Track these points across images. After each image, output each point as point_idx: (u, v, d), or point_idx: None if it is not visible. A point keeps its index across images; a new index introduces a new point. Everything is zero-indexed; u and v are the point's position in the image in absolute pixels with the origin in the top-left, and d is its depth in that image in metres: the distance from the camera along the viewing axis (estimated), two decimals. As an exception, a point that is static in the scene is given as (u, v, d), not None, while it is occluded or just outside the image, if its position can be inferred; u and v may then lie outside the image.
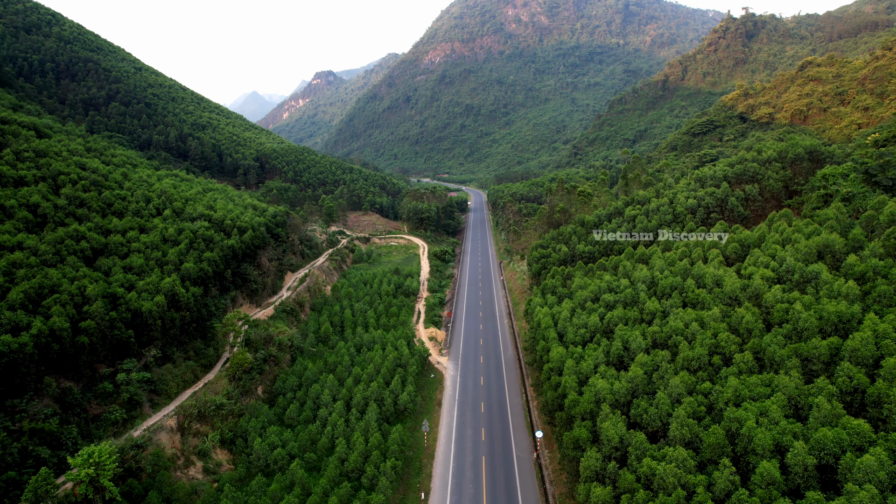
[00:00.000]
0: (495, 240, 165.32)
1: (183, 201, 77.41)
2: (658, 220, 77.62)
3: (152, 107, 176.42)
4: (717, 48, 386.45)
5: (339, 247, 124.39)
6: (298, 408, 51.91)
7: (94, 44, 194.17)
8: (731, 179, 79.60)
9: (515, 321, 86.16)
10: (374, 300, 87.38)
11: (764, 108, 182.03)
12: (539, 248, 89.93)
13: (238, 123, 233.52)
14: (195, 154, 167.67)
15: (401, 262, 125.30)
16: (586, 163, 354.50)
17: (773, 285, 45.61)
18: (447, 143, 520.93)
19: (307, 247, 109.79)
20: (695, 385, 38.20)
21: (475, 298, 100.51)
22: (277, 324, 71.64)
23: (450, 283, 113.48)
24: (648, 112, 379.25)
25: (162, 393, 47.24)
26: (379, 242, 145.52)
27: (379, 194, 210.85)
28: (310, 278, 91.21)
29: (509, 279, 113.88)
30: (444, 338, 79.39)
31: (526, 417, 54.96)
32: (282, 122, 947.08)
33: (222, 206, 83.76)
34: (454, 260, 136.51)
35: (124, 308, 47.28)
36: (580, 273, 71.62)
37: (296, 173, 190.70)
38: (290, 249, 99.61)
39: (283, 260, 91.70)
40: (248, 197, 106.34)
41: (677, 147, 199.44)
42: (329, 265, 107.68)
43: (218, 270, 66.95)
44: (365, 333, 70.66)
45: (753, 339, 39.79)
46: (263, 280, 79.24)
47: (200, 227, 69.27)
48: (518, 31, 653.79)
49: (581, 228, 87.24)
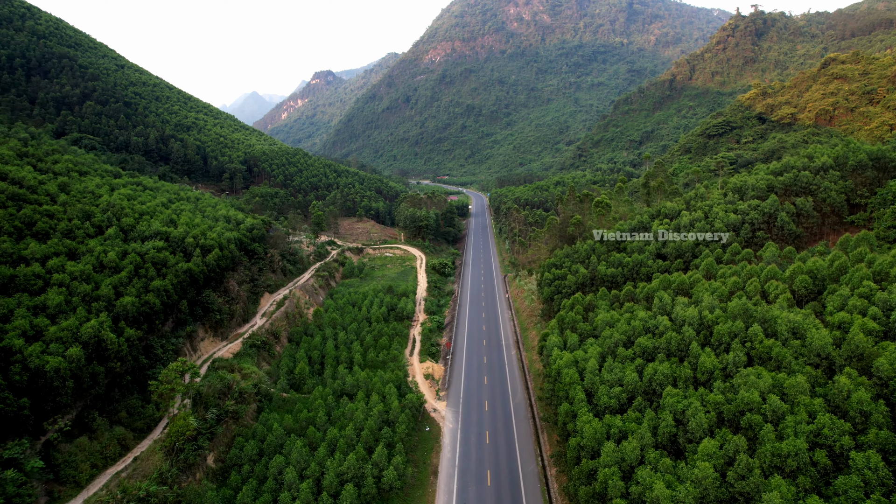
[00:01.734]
0: (498, 249, 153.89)
1: (136, 216, 66.01)
2: (693, 239, 66.14)
3: (132, 106, 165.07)
4: (725, 47, 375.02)
5: (328, 260, 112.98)
6: (255, 489, 40.45)
7: (72, 39, 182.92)
8: (777, 190, 68.14)
9: (525, 352, 74.73)
10: (362, 328, 75.89)
11: (785, 108, 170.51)
12: (552, 267, 78.45)
13: (228, 124, 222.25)
14: (177, 157, 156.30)
15: (396, 276, 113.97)
16: (591, 164, 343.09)
17: (880, 341, 34.21)
18: (447, 144, 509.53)
19: (290, 262, 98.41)
20: (798, 503, 26.68)
21: (478, 322, 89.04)
22: (244, 363, 60.24)
23: (449, 302, 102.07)
24: (655, 112, 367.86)
25: (68, 481, 35.82)
26: (373, 253, 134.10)
27: (375, 199, 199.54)
28: (289, 301, 79.77)
29: (515, 297, 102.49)
30: (443, 375, 67.98)
31: (543, 495, 43.52)
32: (280, 122, 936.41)
33: (187, 220, 72.34)
34: (454, 273, 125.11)
35: (19, 368, 35.89)
36: (604, 303, 60.16)
37: (286, 177, 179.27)
38: (270, 267, 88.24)
39: (259, 280, 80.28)
40: (223, 207, 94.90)
41: (691, 149, 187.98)
42: (314, 283, 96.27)
43: (170, 302, 55.55)
44: (348, 375, 59.21)
45: (873, 430, 28.32)
46: (232, 308, 67.81)
47: (151, 249, 57.85)
48: (520, 30, 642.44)
49: (601, 246, 75.73)
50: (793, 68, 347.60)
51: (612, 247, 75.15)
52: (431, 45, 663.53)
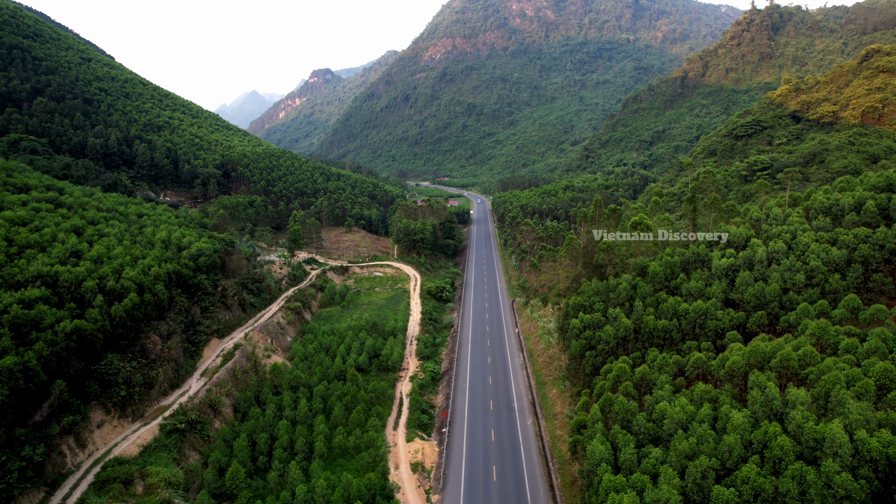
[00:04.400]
0: (504, 265, 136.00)
1: (16, 250, 48.32)
2: (779, 281, 48.27)
3: (94, 103, 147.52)
4: (740, 42, 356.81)
5: (303, 285, 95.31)
6: None
7: (30, 29, 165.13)
8: (893, 213, 50.24)
9: (543, 421, 57.12)
10: (333, 391, 58.12)
11: (825, 106, 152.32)
12: (578, 309, 60.61)
13: (208, 123, 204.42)
14: (142, 161, 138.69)
15: (385, 303, 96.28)
16: (599, 166, 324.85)
17: None
18: (448, 144, 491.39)
19: (254, 292, 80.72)
20: None
21: (482, 371, 71.24)
22: (155, 461, 42.61)
23: (447, 339, 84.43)
24: (666, 111, 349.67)
25: None
26: (359, 273, 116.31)
27: (367, 205, 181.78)
28: (241, 352, 62.02)
29: (528, 333, 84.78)
30: (436, 463, 50.32)
31: None
32: (277, 121, 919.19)
33: (101, 252, 54.66)
34: (454, 297, 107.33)
35: None
36: (664, 379, 42.29)
37: (268, 182, 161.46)
38: (222, 303, 70.52)
39: (202, 326, 62.53)
40: (166, 228, 77.15)
41: (717, 152, 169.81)
42: (283, 318, 78.59)
43: (39, 382, 37.93)
44: (300, 483, 41.52)
45: None
46: (150, 374, 50.03)
47: (15, 305, 40.14)
48: (523, 27, 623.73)
49: (644, 284, 57.83)
50: (812, 64, 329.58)
51: (660, 284, 57.30)
52: (431, 42, 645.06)
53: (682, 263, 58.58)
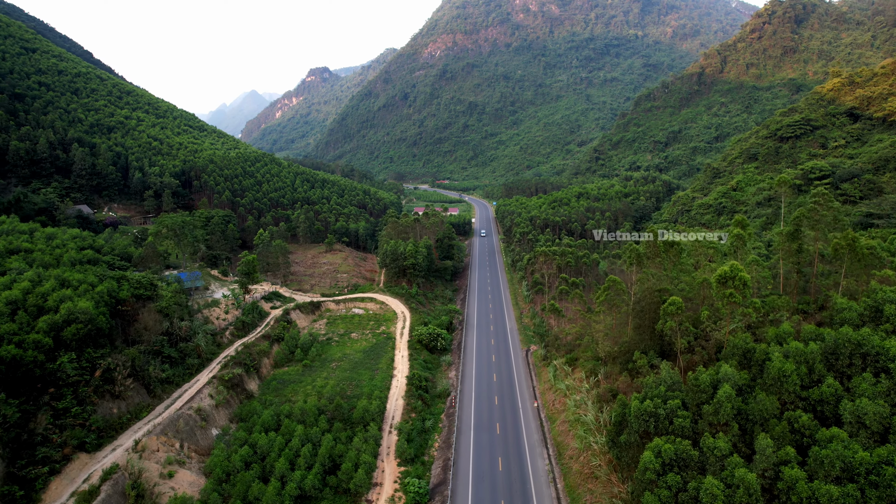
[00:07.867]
0: (513, 293, 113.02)
1: None
2: None
3: (26, 100, 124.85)
4: (761, 35, 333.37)
5: (254, 337, 72.39)
6: None
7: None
8: None
9: None
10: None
11: (893, 101, 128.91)
12: (642, 417, 37.61)
13: (176, 124, 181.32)
14: (80, 169, 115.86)
15: (360, 359, 73.39)
16: (610, 168, 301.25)
17: None
18: (448, 144, 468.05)
19: (172, 360, 57.93)
20: None
21: (491, 488, 48.16)
22: None
23: (441, 420, 61.58)
24: (682, 110, 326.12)
25: None
26: (334, 310, 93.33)
27: (355, 217, 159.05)
28: (114, 485, 39.12)
29: (552, 411, 62.05)
30: None
31: None
32: (274, 121, 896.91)
33: None
34: (451, 346, 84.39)
35: None
36: None
37: (234, 193, 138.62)
38: (108, 390, 47.69)
39: (41, 451, 39.46)
40: (43, 272, 54.38)
41: (758, 156, 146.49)
42: (210, 397, 55.75)
43: None
44: None
45: None
46: None
47: None
48: (526, 22, 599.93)
49: (764, 395, 34.71)
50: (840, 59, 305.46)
51: (791, 394, 34.12)
52: (431, 39, 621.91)
53: (823, 354, 35.51)
